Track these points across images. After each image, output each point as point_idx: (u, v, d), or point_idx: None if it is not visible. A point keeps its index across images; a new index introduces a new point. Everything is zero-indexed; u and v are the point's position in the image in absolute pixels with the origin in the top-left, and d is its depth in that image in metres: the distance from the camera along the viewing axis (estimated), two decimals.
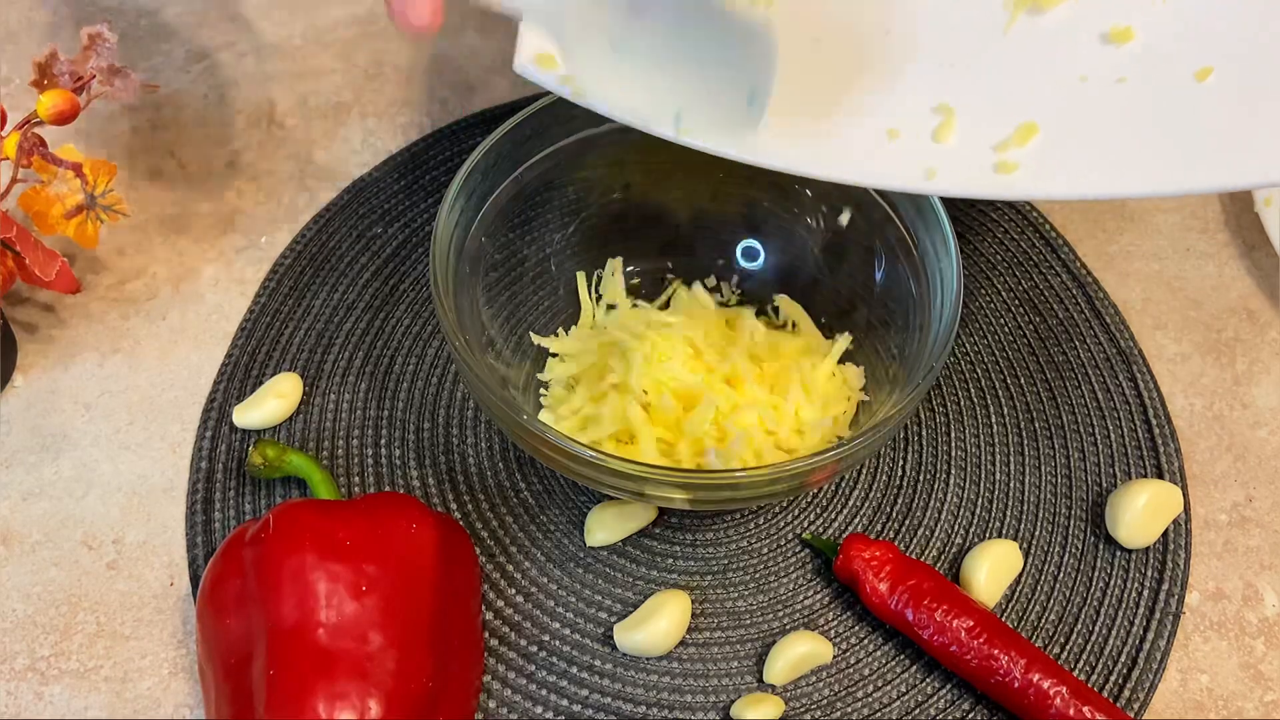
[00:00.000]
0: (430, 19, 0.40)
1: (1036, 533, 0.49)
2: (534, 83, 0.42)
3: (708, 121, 0.43)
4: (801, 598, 0.47)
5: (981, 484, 0.50)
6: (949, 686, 0.45)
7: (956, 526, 0.49)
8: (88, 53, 0.49)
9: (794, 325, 0.52)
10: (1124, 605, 0.47)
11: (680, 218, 0.53)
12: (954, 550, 0.48)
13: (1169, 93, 0.40)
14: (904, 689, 0.45)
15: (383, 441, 0.51)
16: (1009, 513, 0.49)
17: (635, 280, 0.53)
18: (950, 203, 0.45)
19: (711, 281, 0.53)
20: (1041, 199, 0.42)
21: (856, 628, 0.46)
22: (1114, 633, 0.46)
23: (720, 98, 0.42)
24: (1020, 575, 0.48)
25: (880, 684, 0.45)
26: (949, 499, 0.50)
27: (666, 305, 0.53)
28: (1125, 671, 0.46)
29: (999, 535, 0.49)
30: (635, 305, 0.53)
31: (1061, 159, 0.40)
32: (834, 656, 0.46)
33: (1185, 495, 0.49)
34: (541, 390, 0.51)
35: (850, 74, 0.43)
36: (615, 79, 0.42)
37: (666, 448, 0.47)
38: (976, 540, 0.49)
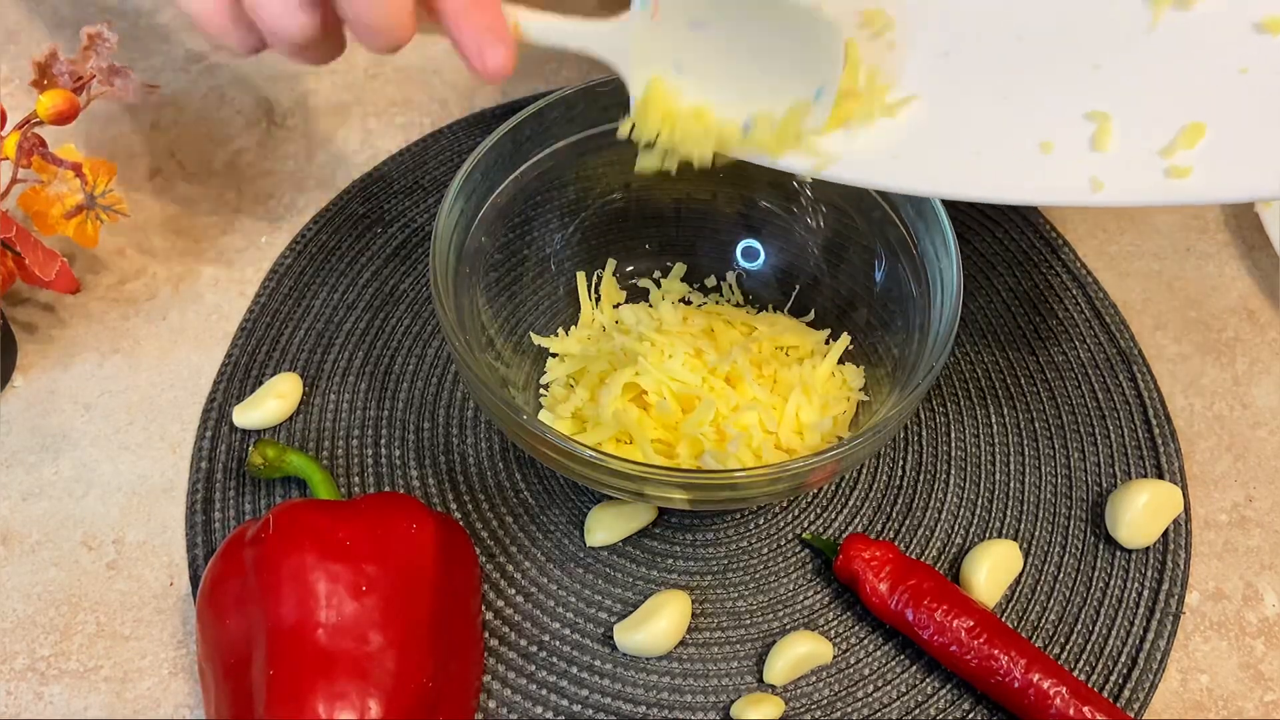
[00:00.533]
0: (505, 65, 0.39)
1: (1036, 533, 0.49)
2: None
3: (785, 134, 0.41)
4: (801, 598, 0.47)
5: (981, 484, 0.50)
6: (949, 686, 0.45)
7: (956, 526, 0.49)
8: (88, 53, 0.49)
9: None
10: (1124, 605, 0.47)
11: (680, 218, 0.53)
12: (954, 550, 0.48)
13: None
14: (904, 689, 0.45)
15: (383, 441, 0.51)
16: (1009, 513, 0.49)
17: (635, 280, 0.53)
18: (950, 203, 0.45)
19: (711, 281, 0.53)
20: (1223, 202, 0.39)
21: (856, 628, 0.46)
22: (1114, 633, 0.46)
23: (786, 100, 0.40)
24: (1020, 575, 0.48)
25: (880, 684, 0.45)
26: (949, 499, 0.50)
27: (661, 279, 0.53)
28: (1125, 671, 0.46)
29: (999, 535, 0.49)
30: (634, 305, 0.53)
31: (1237, 159, 0.38)
32: (834, 656, 0.46)
33: (1185, 495, 0.49)
34: (541, 390, 0.51)
35: (987, 86, 0.41)
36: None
37: (665, 448, 0.47)
38: (976, 540, 0.49)
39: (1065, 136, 0.40)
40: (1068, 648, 0.46)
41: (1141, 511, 0.47)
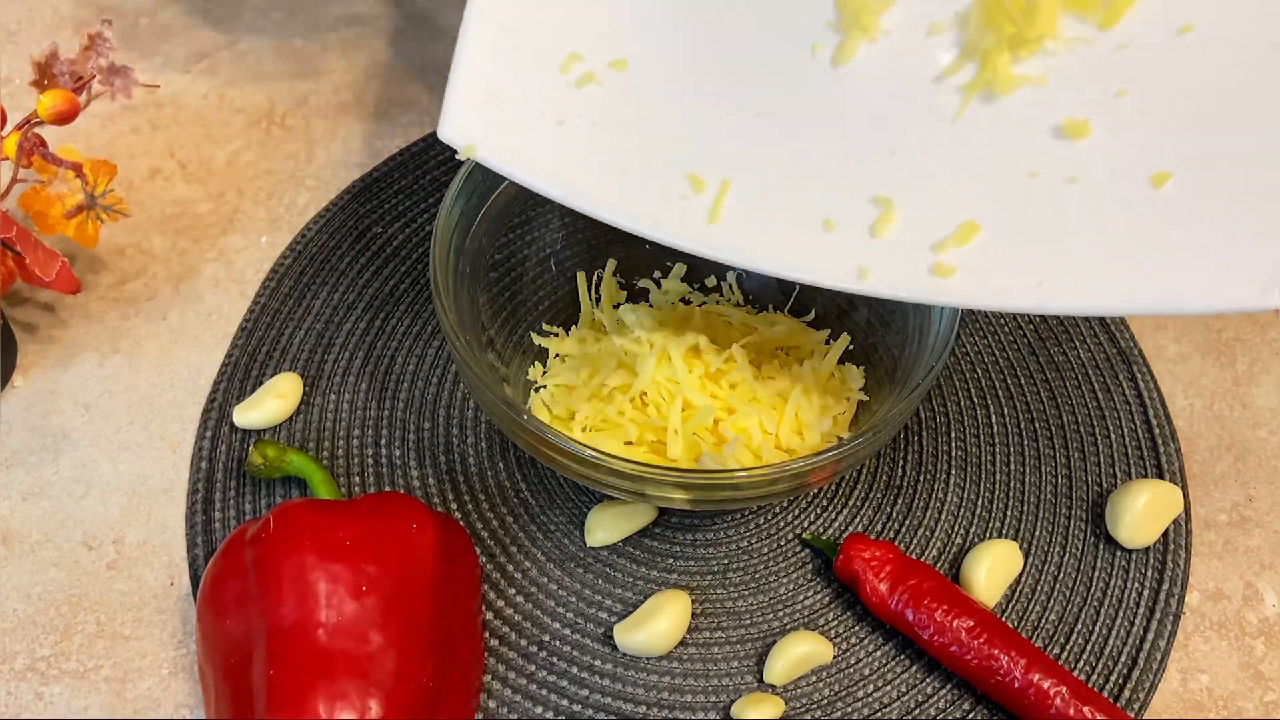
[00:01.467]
0: None
1: (1036, 533, 0.49)
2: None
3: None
4: (801, 598, 0.47)
5: (981, 484, 0.50)
6: (949, 686, 0.45)
7: (956, 526, 0.49)
8: (88, 53, 0.49)
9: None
10: (1124, 605, 0.47)
11: None
12: (954, 550, 0.48)
13: (1122, 199, 0.37)
14: (904, 689, 0.45)
15: (383, 441, 0.51)
16: (1009, 513, 0.49)
17: (635, 280, 0.53)
18: None
19: (712, 281, 0.53)
20: (973, 308, 0.38)
21: (856, 628, 0.46)
22: (1114, 633, 0.46)
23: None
24: (1020, 575, 0.48)
25: (880, 684, 0.45)
26: (949, 499, 0.50)
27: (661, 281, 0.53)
28: (1125, 671, 0.46)
29: (999, 535, 0.49)
30: (634, 305, 0.53)
31: (1000, 265, 0.38)
32: (834, 656, 0.46)
33: (1185, 495, 0.49)
34: (541, 390, 0.51)
35: (787, 155, 0.41)
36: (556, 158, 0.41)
37: (664, 449, 0.47)
38: (976, 540, 0.49)
39: (847, 217, 0.39)
40: (1068, 648, 0.46)
41: (1141, 511, 0.47)
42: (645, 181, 0.42)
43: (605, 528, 0.48)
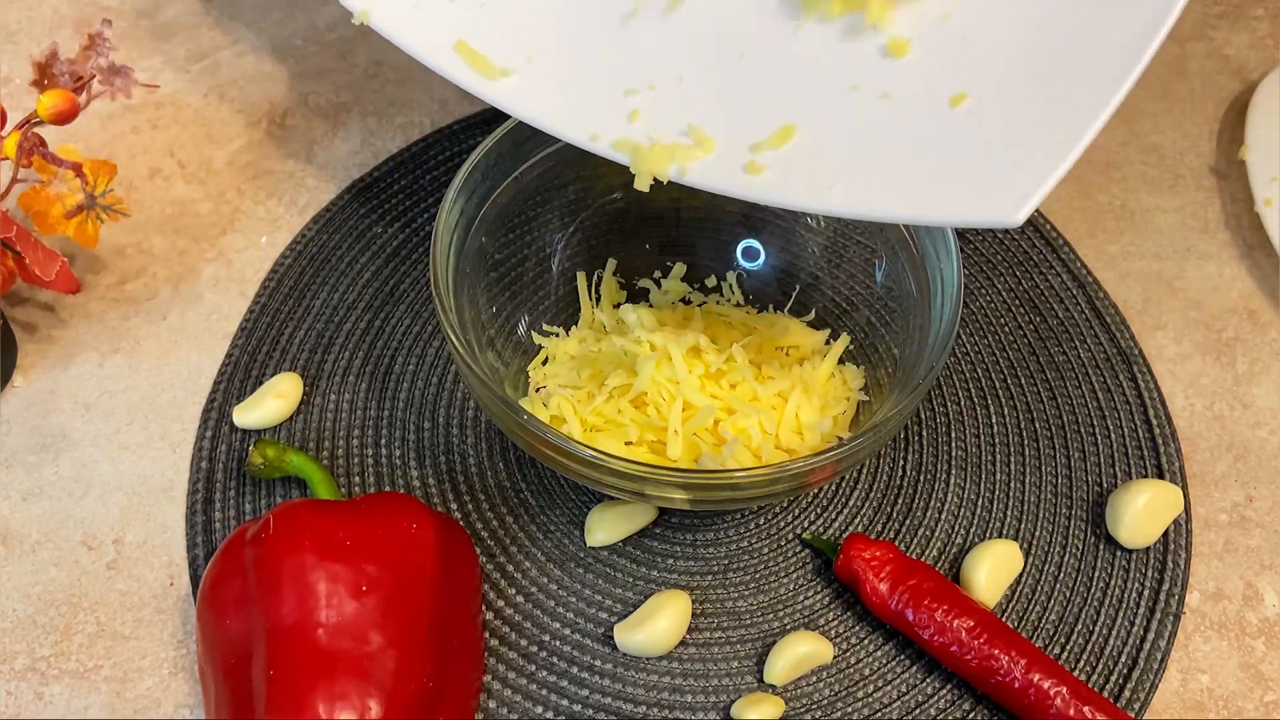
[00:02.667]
0: None
1: (1036, 533, 0.49)
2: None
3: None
4: (801, 598, 0.47)
5: (981, 484, 0.50)
6: (949, 686, 0.45)
7: (956, 526, 0.49)
8: (88, 53, 0.49)
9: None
10: (1124, 605, 0.47)
11: (680, 218, 0.53)
12: (954, 550, 0.48)
13: (920, 115, 0.39)
14: (904, 689, 0.45)
15: (383, 441, 0.51)
16: (1009, 513, 0.49)
17: (636, 280, 0.53)
18: None
19: (712, 281, 0.53)
20: (769, 204, 0.41)
21: (856, 628, 0.46)
22: (1114, 633, 0.46)
23: None
24: (1020, 575, 0.48)
25: (880, 684, 0.45)
26: (949, 499, 0.50)
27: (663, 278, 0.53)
28: (1125, 671, 0.46)
29: (999, 535, 0.49)
30: (634, 305, 0.53)
31: (803, 168, 0.40)
32: (834, 656, 0.46)
33: (1185, 495, 0.49)
34: (541, 390, 0.51)
35: (647, 55, 0.44)
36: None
37: (663, 448, 0.47)
38: (976, 540, 0.49)
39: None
40: (1068, 648, 0.46)
41: (1141, 511, 0.47)
42: (508, 54, 0.45)
43: (605, 528, 0.48)
